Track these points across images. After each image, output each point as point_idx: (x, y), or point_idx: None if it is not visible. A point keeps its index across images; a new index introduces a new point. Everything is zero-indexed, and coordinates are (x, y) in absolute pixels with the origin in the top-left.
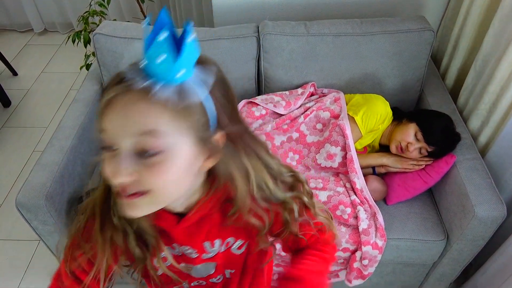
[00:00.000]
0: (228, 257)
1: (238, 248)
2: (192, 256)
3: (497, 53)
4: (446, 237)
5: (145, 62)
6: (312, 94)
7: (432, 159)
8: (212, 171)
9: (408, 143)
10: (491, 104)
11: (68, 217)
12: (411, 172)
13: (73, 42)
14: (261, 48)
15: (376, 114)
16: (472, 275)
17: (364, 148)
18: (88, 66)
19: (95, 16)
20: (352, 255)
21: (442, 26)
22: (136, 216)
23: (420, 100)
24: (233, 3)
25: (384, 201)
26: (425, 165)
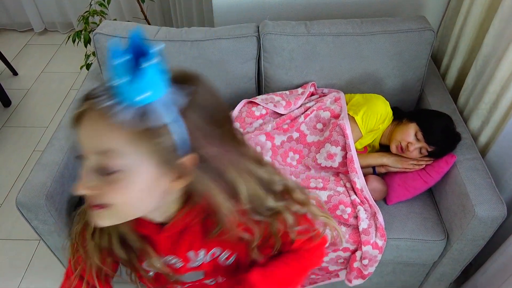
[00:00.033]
0: (216, 266)
1: (226, 259)
2: (177, 265)
3: (497, 53)
4: (446, 237)
5: (111, 81)
6: (312, 94)
7: (432, 159)
8: (188, 188)
9: (408, 143)
10: (492, 104)
11: (68, 216)
12: (411, 172)
13: (73, 41)
14: (261, 47)
15: (376, 114)
16: (472, 275)
17: (364, 148)
18: (88, 66)
19: (95, 15)
20: (352, 255)
21: (443, 26)
22: (101, 226)
23: (421, 100)
24: (234, 2)
25: (384, 201)
26: (425, 165)
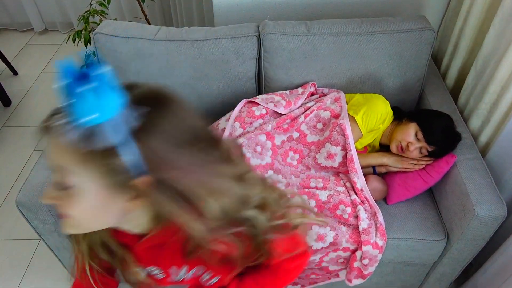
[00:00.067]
0: (198, 284)
1: (209, 279)
2: (159, 277)
3: (497, 53)
4: (446, 236)
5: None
6: (312, 94)
7: (432, 159)
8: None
9: (408, 142)
10: (492, 104)
11: None
12: (411, 171)
13: (74, 41)
14: (261, 47)
15: (376, 113)
16: (472, 275)
17: (365, 147)
18: None
19: (95, 15)
20: (352, 255)
21: (443, 26)
22: (68, 233)
23: (421, 99)
24: (234, 2)
25: (385, 200)
26: (426, 164)
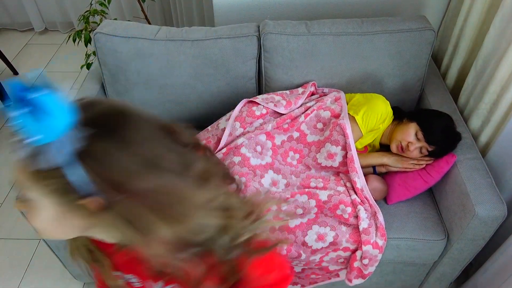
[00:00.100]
0: None
1: None
2: (136, 285)
3: (497, 53)
4: (446, 236)
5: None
6: (312, 94)
7: (432, 159)
8: None
9: (408, 142)
10: (492, 103)
11: None
12: (411, 171)
13: (74, 41)
14: (261, 47)
15: (376, 113)
16: (472, 275)
17: (365, 147)
18: (88, 66)
19: (95, 15)
20: (353, 255)
21: (443, 25)
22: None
23: (421, 99)
24: (234, 2)
25: (385, 200)
26: (426, 164)
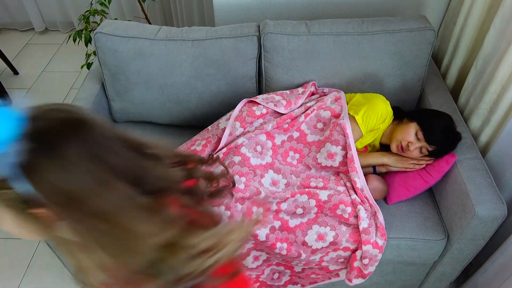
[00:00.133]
0: None
1: None
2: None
3: (498, 53)
4: (446, 236)
5: None
6: (312, 94)
7: (432, 159)
8: None
9: (408, 142)
10: (492, 103)
11: None
12: (411, 171)
13: (74, 41)
14: (262, 47)
15: (376, 113)
16: (472, 275)
17: (365, 147)
18: (89, 65)
19: (96, 15)
20: (353, 254)
21: (443, 25)
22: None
23: (421, 99)
24: (234, 2)
25: (385, 200)
26: (426, 164)
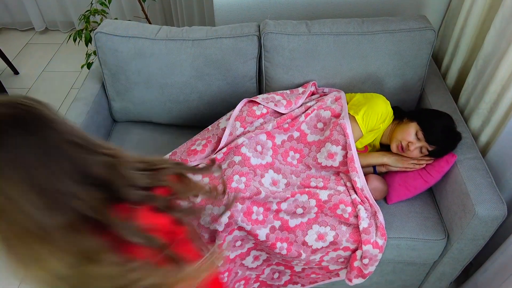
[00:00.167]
0: None
1: None
2: None
3: (498, 52)
4: (446, 236)
5: None
6: (313, 93)
7: (433, 158)
8: None
9: (409, 142)
10: (492, 103)
11: None
12: (412, 171)
13: (74, 40)
14: (262, 47)
15: (377, 113)
16: (472, 274)
17: (365, 147)
18: (89, 65)
19: (96, 15)
20: (353, 254)
21: (444, 25)
22: None
23: (421, 99)
24: (234, 2)
25: (385, 200)
26: (426, 164)
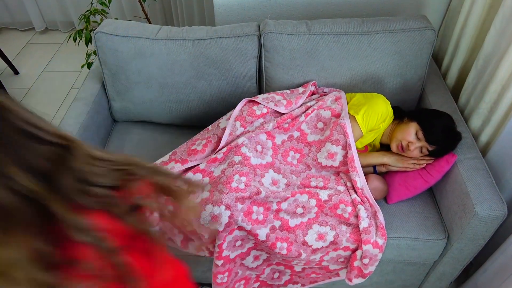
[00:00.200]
0: None
1: None
2: None
3: (498, 52)
4: (446, 236)
5: None
6: (313, 93)
7: (433, 158)
8: None
9: (409, 142)
10: (492, 103)
11: None
12: (412, 171)
13: (75, 40)
14: (262, 47)
15: (377, 113)
16: (472, 274)
17: (365, 147)
18: (89, 65)
19: (96, 14)
20: (353, 254)
21: (444, 25)
22: None
23: (421, 99)
24: (235, 1)
25: (385, 200)
26: (426, 164)
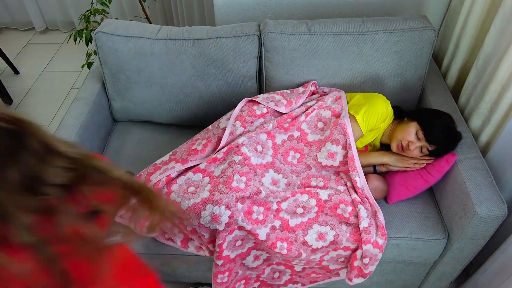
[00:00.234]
0: None
1: None
2: None
3: (498, 52)
4: (446, 236)
5: None
6: (313, 93)
7: (433, 158)
8: None
9: (409, 142)
10: (492, 103)
11: None
12: (412, 171)
13: (75, 40)
14: (262, 47)
15: (377, 113)
16: (472, 274)
17: (365, 147)
18: (89, 65)
19: (96, 14)
20: (353, 254)
21: (444, 25)
22: None
23: (421, 99)
24: (235, 1)
25: (385, 199)
26: (426, 164)
